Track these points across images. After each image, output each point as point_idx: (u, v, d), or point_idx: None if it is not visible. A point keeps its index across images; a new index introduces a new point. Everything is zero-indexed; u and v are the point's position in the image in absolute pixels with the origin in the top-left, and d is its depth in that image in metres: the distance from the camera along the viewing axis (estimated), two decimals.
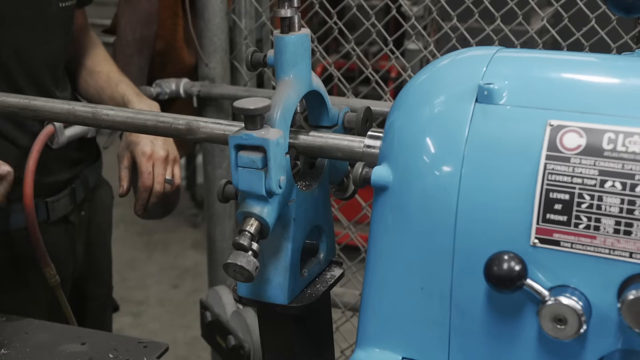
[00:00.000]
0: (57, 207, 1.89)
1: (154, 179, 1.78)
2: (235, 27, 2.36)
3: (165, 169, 1.80)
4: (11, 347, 1.48)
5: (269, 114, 1.05)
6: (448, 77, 1.00)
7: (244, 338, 2.09)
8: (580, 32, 2.03)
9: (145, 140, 1.79)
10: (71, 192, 1.93)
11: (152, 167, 1.78)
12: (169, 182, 1.81)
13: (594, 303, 0.88)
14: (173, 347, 2.07)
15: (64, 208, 1.91)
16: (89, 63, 1.99)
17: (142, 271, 4.55)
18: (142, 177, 1.77)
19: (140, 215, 1.83)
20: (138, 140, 1.79)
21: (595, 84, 0.95)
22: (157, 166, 1.78)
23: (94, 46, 2.03)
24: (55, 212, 1.88)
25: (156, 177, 1.78)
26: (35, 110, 1.34)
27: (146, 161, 1.77)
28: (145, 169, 1.77)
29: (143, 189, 1.77)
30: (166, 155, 1.80)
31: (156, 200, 1.80)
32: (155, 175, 1.78)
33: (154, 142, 1.79)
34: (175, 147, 1.85)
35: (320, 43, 2.38)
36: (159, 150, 1.79)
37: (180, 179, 1.85)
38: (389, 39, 2.28)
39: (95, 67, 1.98)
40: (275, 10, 1.09)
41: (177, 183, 1.84)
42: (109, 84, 1.93)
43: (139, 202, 1.79)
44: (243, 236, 1.03)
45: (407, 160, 0.97)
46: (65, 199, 1.91)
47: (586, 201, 0.87)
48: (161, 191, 1.79)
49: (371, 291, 1.02)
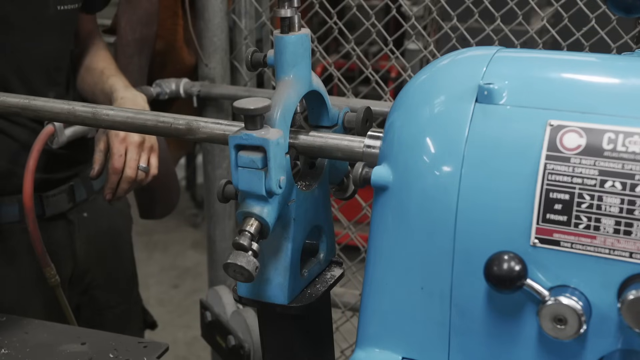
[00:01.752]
0: (53, 202, 1.88)
1: (126, 162, 1.73)
2: (235, 27, 2.37)
3: (139, 154, 1.75)
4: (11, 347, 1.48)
5: (269, 114, 1.05)
6: (448, 77, 1.00)
7: (244, 338, 2.09)
8: (580, 32, 2.03)
9: None
10: (69, 189, 1.92)
11: (124, 151, 1.73)
12: (143, 170, 1.76)
13: (594, 303, 0.88)
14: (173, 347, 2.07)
15: (60, 204, 1.90)
16: (87, 62, 2.00)
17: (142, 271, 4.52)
18: (113, 158, 1.72)
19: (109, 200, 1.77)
20: None
21: (595, 84, 0.95)
22: (130, 150, 1.74)
23: (98, 48, 2.03)
24: (51, 207, 1.87)
25: (128, 161, 1.73)
26: (36, 110, 1.34)
27: (119, 143, 1.73)
28: (116, 151, 1.72)
29: (112, 171, 1.73)
30: (141, 141, 1.75)
31: (127, 187, 1.75)
32: (128, 159, 1.73)
33: None
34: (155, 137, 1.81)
35: (320, 43, 2.38)
36: (134, 135, 1.74)
37: (156, 168, 1.80)
38: (389, 39, 2.28)
39: (92, 64, 1.98)
40: (275, 10, 1.09)
41: (153, 172, 1.79)
42: (101, 78, 1.92)
43: (108, 185, 1.74)
44: (243, 236, 1.03)
45: (407, 161, 0.97)
46: (62, 195, 1.90)
47: (586, 201, 0.87)
48: (132, 177, 1.74)
49: (371, 291, 1.02)
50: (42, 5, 1.77)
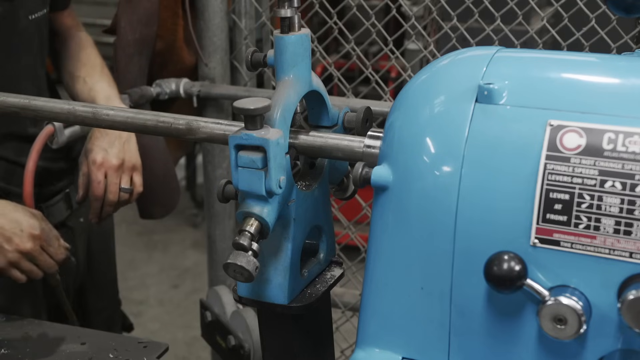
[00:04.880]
0: (53, 211, 1.89)
1: (107, 187, 1.75)
2: (235, 27, 2.37)
3: (118, 177, 1.76)
4: (11, 347, 1.48)
5: (269, 114, 1.05)
6: (448, 77, 1.00)
7: (244, 338, 2.09)
8: (580, 32, 2.03)
9: (97, 148, 1.75)
10: (65, 197, 1.93)
11: (103, 176, 1.75)
12: (125, 191, 1.78)
13: (594, 303, 0.88)
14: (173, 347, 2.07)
15: (60, 213, 1.91)
16: (71, 68, 1.97)
17: (142, 271, 4.55)
18: (92, 186, 1.74)
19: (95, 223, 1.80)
20: (92, 147, 1.76)
21: (595, 84, 0.95)
22: (110, 175, 1.75)
23: (80, 49, 2.00)
24: (51, 217, 1.87)
25: (108, 186, 1.75)
26: (36, 110, 1.34)
27: (96, 170, 1.74)
28: (94, 177, 1.74)
29: (93, 198, 1.75)
30: (119, 164, 1.76)
31: (111, 210, 1.78)
32: (108, 184, 1.75)
33: (107, 150, 1.76)
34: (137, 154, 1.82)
35: (320, 43, 2.38)
36: (112, 158, 1.75)
37: (141, 186, 1.82)
38: (389, 39, 2.28)
39: (76, 72, 1.96)
40: (275, 10, 1.09)
41: (138, 191, 1.81)
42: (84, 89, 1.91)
43: (92, 210, 1.77)
44: (243, 236, 1.03)
45: (407, 161, 0.97)
46: (60, 204, 1.91)
47: (586, 201, 0.87)
48: (114, 201, 1.76)
49: (371, 291, 1.02)
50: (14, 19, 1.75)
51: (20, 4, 1.75)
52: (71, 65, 1.98)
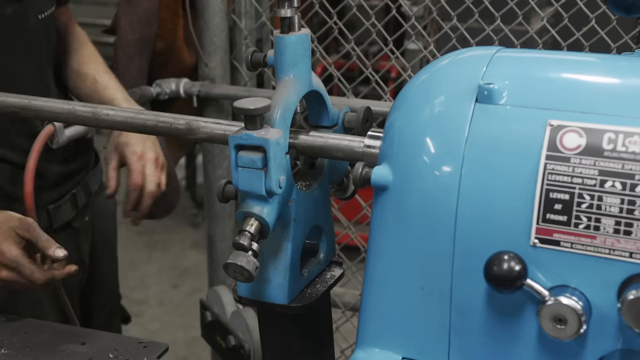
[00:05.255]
0: (59, 213, 1.88)
1: (146, 178, 1.77)
2: (235, 27, 2.37)
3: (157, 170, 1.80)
4: (11, 347, 1.48)
5: (269, 114, 1.05)
6: (448, 77, 1.00)
7: (244, 338, 2.09)
8: (580, 32, 2.03)
9: (135, 140, 1.78)
10: (72, 198, 1.93)
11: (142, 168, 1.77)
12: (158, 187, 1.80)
13: (594, 303, 0.88)
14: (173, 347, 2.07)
15: (66, 214, 1.91)
16: (75, 64, 1.97)
17: (142, 271, 4.55)
18: (133, 175, 1.76)
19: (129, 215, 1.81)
20: (128, 141, 1.78)
21: (595, 84, 0.95)
22: (149, 167, 1.78)
23: (80, 45, 2.00)
24: (58, 218, 1.88)
25: (148, 176, 1.77)
26: (36, 110, 1.35)
27: (137, 160, 1.77)
28: (135, 167, 1.76)
29: (133, 187, 1.76)
30: (157, 157, 1.80)
31: (149, 202, 1.79)
32: (147, 174, 1.77)
33: (145, 144, 1.79)
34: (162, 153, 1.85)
35: (320, 43, 2.38)
36: (149, 151, 1.79)
37: (165, 185, 1.84)
38: (389, 39, 2.28)
39: (82, 69, 1.96)
40: (275, 10, 1.09)
41: (163, 189, 1.82)
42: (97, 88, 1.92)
43: (130, 201, 1.78)
44: (243, 236, 1.03)
45: (407, 161, 0.97)
46: (67, 205, 1.91)
47: (586, 201, 0.87)
48: (154, 191, 1.78)
49: (371, 291, 1.02)
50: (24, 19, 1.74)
51: (30, 4, 1.74)
52: (74, 60, 1.98)
